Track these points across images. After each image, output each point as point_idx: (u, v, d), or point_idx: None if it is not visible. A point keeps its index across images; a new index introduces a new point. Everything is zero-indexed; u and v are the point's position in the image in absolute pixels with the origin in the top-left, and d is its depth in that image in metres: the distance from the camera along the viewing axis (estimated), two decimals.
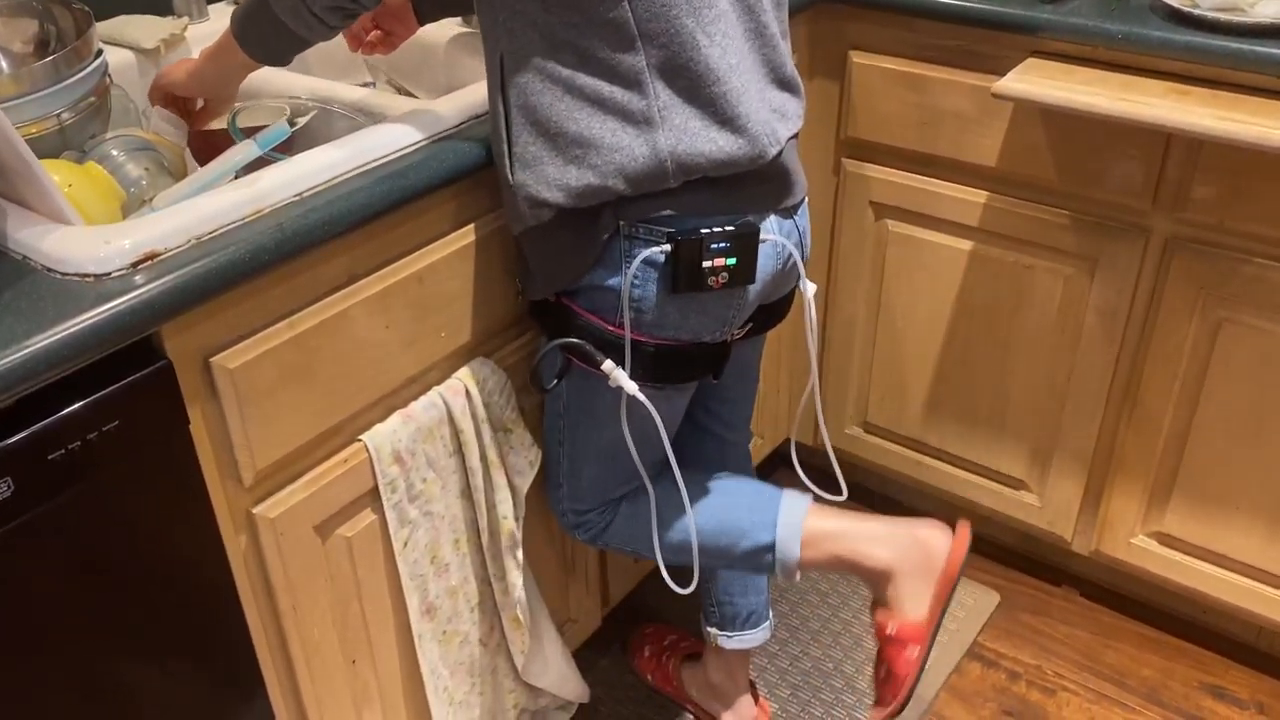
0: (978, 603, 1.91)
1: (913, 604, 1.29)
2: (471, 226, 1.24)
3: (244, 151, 1.08)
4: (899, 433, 1.94)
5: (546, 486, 1.42)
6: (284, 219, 1.03)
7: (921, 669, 1.29)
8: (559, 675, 1.56)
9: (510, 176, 1.14)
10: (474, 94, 1.25)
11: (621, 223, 1.13)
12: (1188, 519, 1.69)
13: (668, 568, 1.38)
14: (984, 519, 1.98)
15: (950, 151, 1.66)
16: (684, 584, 1.36)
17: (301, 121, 1.16)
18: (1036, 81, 1.44)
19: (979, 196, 1.67)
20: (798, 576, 1.38)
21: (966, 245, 1.72)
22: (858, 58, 1.68)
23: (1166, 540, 1.73)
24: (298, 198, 1.06)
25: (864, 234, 1.81)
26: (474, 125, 1.22)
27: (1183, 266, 1.53)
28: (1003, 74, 1.50)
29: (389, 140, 1.15)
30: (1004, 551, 2.00)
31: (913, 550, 1.30)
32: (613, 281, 1.15)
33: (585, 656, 1.76)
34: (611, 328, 1.18)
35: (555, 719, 1.68)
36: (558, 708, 1.69)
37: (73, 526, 0.95)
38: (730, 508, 1.38)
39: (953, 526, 1.34)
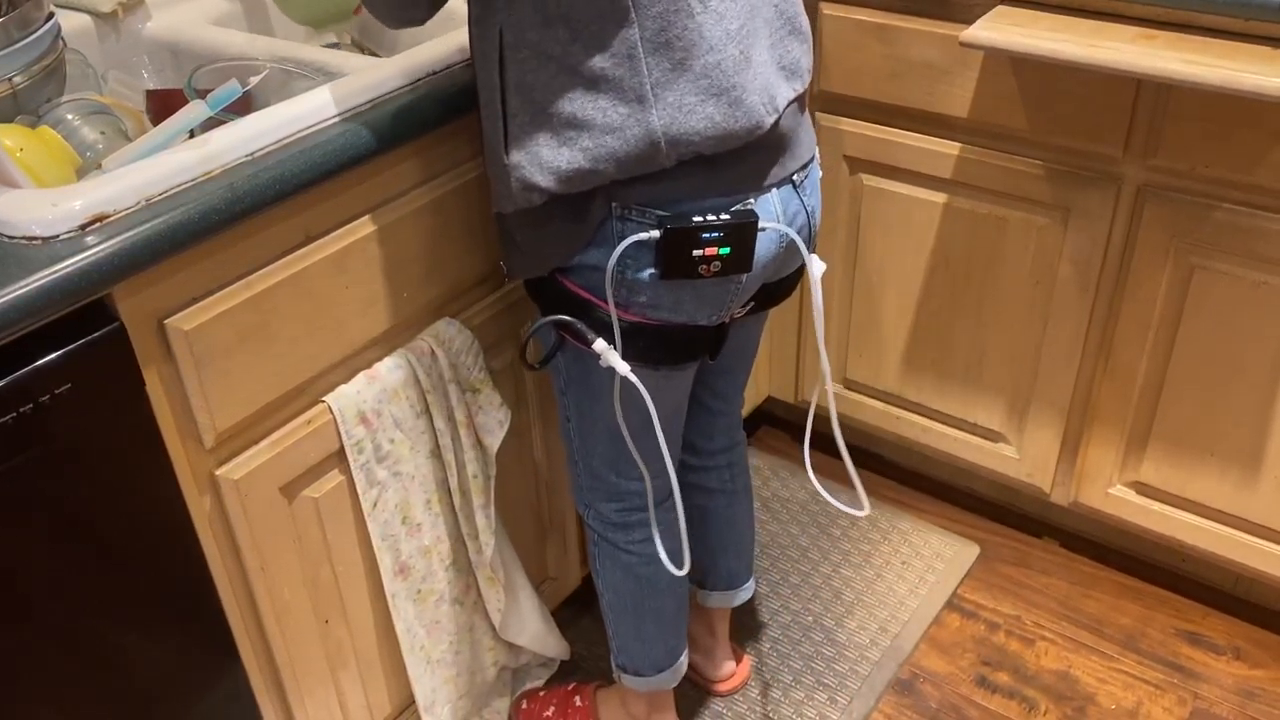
0: (957, 555, 1.92)
1: None
2: (431, 185, 1.23)
3: (194, 112, 1.07)
4: (877, 388, 1.94)
5: (568, 466, 1.42)
6: (235, 179, 1.02)
7: None
8: (537, 633, 1.57)
9: (505, 156, 1.09)
10: (429, 51, 1.23)
11: (614, 204, 1.09)
12: (1164, 468, 1.69)
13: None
14: (963, 472, 1.99)
15: (922, 103, 1.65)
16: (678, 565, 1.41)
17: (254, 81, 1.14)
18: (1004, 29, 1.43)
19: (952, 148, 1.66)
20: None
21: (941, 198, 1.71)
22: (827, 9, 1.67)
23: (1144, 489, 1.73)
24: (249, 157, 1.05)
25: (839, 189, 1.80)
26: (430, 82, 1.21)
27: (1155, 214, 1.53)
28: (972, 22, 1.48)
29: (343, 98, 1.14)
30: (983, 503, 2.01)
31: None
32: (605, 262, 1.12)
33: (566, 614, 1.77)
34: (605, 307, 1.15)
35: (537, 675, 1.70)
36: (539, 664, 1.70)
37: (28, 491, 0.95)
38: (661, 626, 1.49)
39: None
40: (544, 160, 1.06)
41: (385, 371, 1.24)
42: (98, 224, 0.96)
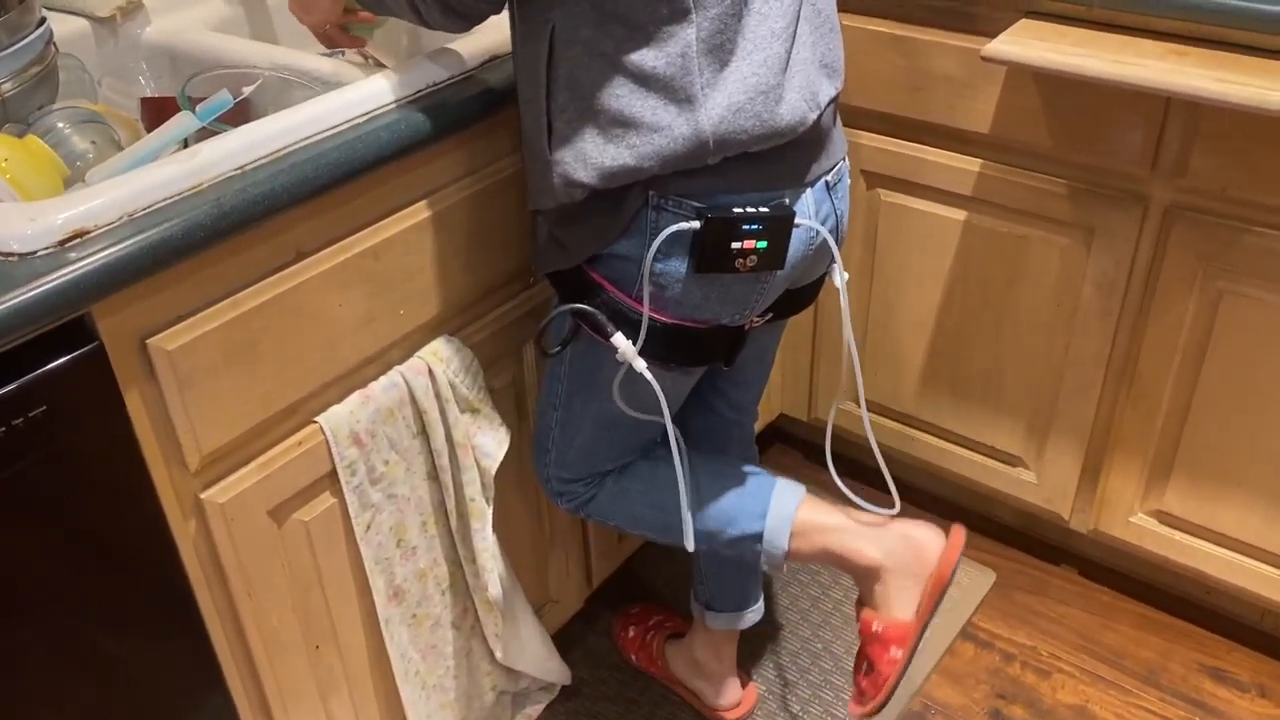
0: (973, 582, 1.86)
1: (900, 604, 1.26)
2: (430, 199, 1.19)
3: (181, 124, 1.04)
4: (893, 408, 1.89)
5: (534, 449, 1.39)
6: (222, 194, 0.99)
7: (904, 670, 1.26)
8: (536, 658, 1.53)
9: (549, 152, 1.09)
10: (432, 61, 1.19)
11: (651, 193, 1.08)
12: (1188, 497, 1.63)
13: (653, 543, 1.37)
14: (980, 496, 1.93)
15: (942, 117, 1.60)
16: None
17: (246, 92, 1.11)
18: (1027, 43, 1.38)
19: (972, 164, 1.61)
20: (784, 567, 1.34)
21: (960, 215, 1.66)
22: (846, 20, 1.62)
23: (1166, 519, 1.68)
24: (239, 171, 1.02)
25: (855, 203, 1.76)
26: (430, 93, 1.17)
27: (1182, 236, 1.47)
28: (995, 35, 1.43)
29: (339, 109, 1.10)
30: (1000, 529, 1.96)
31: (903, 549, 1.27)
32: (636, 253, 1.11)
33: (568, 637, 1.73)
34: (628, 300, 1.14)
35: (537, 700, 1.66)
36: (539, 689, 1.66)
37: (2, 517, 0.92)
38: (720, 492, 1.33)
39: (947, 530, 1.29)
40: (589, 157, 1.06)
41: (380, 391, 1.20)
42: (78, 240, 0.93)
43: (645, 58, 1.02)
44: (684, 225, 1.08)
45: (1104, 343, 1.60)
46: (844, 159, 1.21)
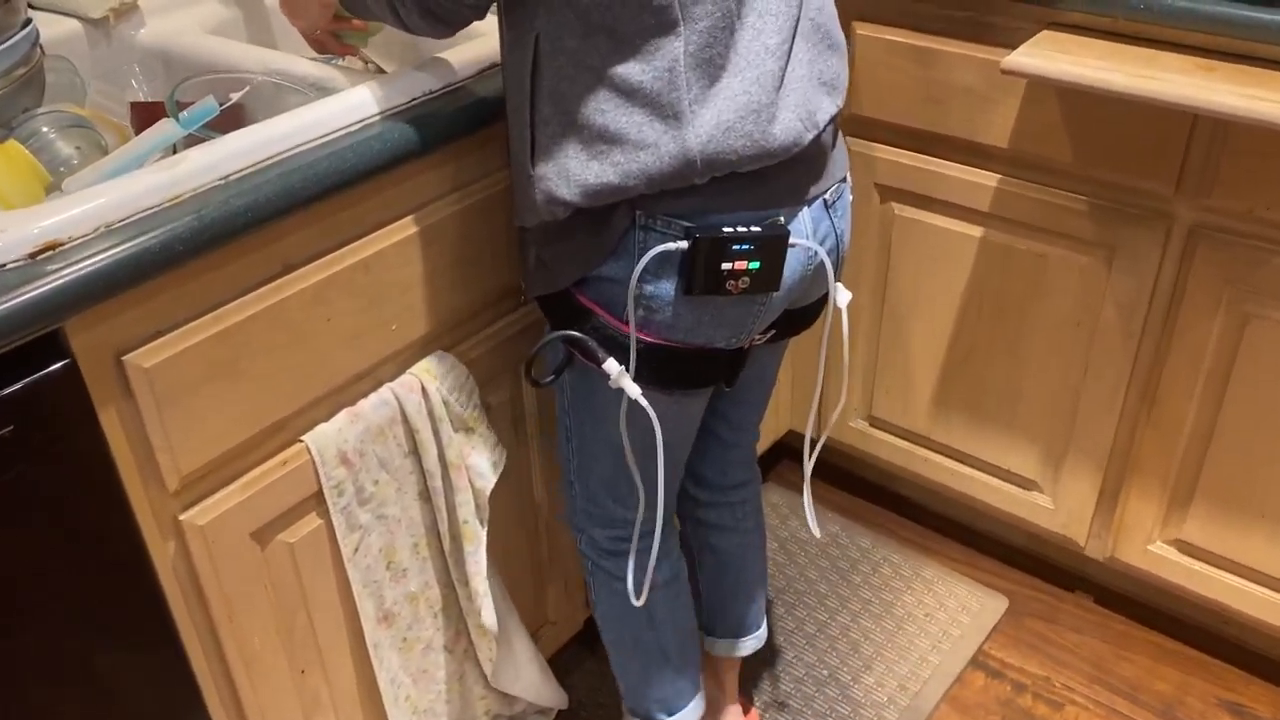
0: (984, 608, 1.81)
1: None
2: (425, 211, 1.15)
3: (164, 131, 1.00)
4: (905, 427, 1.84)
5: (561, 485, 1.36)
6: (204, 205, 0.94)
7: None
8: (531, 682, 1.49)
9: (531, 168, 1.04)
10: (425, 70, 1.15)
11: (638, 213, 1.03)
12: (1209, 526, 1.58)
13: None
14: (993, 520, 1.88)
15: (960, 131, 1.55)
16: None
17: (234, 98, 1.07)
18: (1049, 56, 1.33)
19: (990, 179, 1.56)
20: None
21: (977, 231, 1.61)
22: (862, 29, 1.57)
23: (1186, 548, 1.62)
24: (222, 181, 0.98)
25: (868, 217, 1.71)
26: (424, 102, 1.13)
27: (1207, 257, 1.42)
28: (1015, 47, 1.38)
29: (329, 117, 1.06)
30: (1013, 553, 1.90)
31: None
32: (623, 275, 1.06)
33: (566, 660, 1.69)
34: (618, 324, 1.09)
35: None
36: (535, 713, 1.61)
37: None
38: (669, 666, 1.42)
39: None
40: (571, 173, 1.01)
41: (370, 409, 1.16)
42: (51, 251, 0.89)
43: (631, 71, 0.97)
44: (671, 245, 1.03)
45: (1124, 365, 1.55)
46: (845, 178, 1.16)
